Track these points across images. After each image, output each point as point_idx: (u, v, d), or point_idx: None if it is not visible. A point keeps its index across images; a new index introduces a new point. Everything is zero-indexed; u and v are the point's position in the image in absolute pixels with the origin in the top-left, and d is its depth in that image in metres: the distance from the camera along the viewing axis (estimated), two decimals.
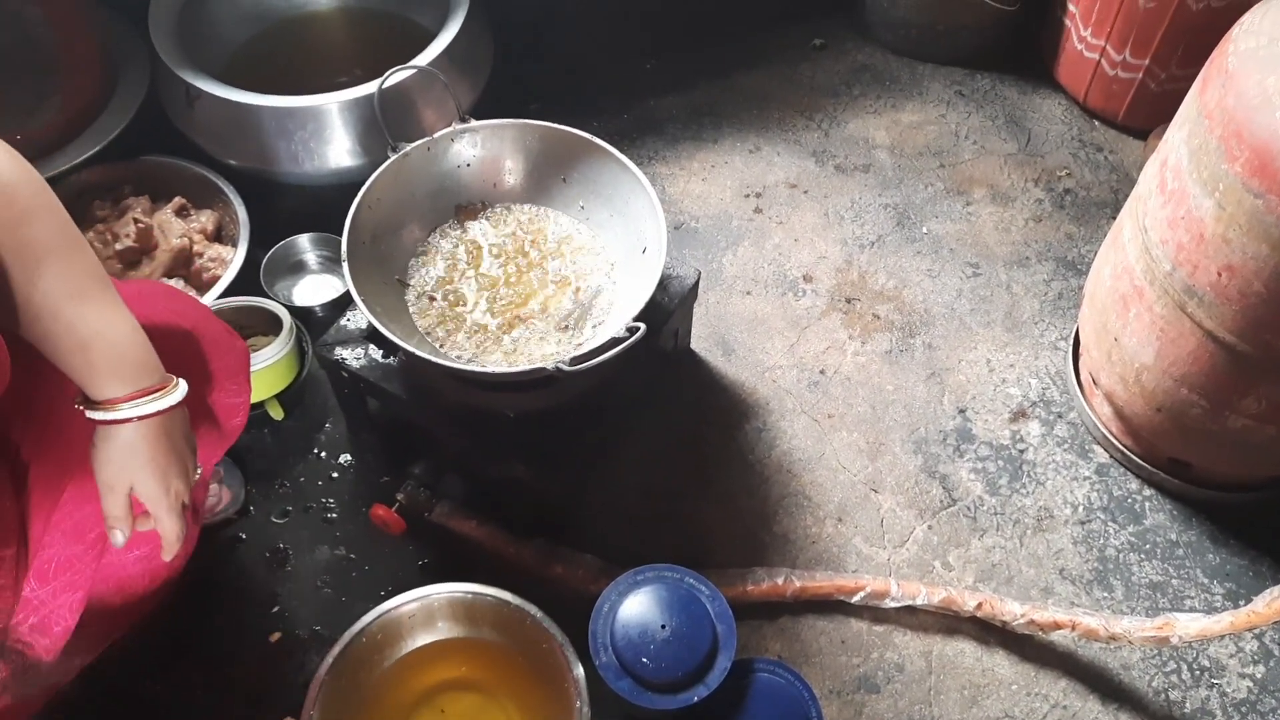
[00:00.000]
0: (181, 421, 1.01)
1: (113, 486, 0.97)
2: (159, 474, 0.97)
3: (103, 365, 0.93)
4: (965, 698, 1.40)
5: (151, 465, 0.96)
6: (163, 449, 0.97)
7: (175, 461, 0.99)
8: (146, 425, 0.95)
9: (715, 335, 1.76)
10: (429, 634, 1.36)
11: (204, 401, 1.14)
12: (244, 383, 1.21)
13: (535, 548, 1.44)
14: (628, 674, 1.22)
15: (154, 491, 0.98)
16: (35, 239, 0.89)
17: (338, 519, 1.54)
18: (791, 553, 1.52)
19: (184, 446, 1.01)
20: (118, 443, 0.95)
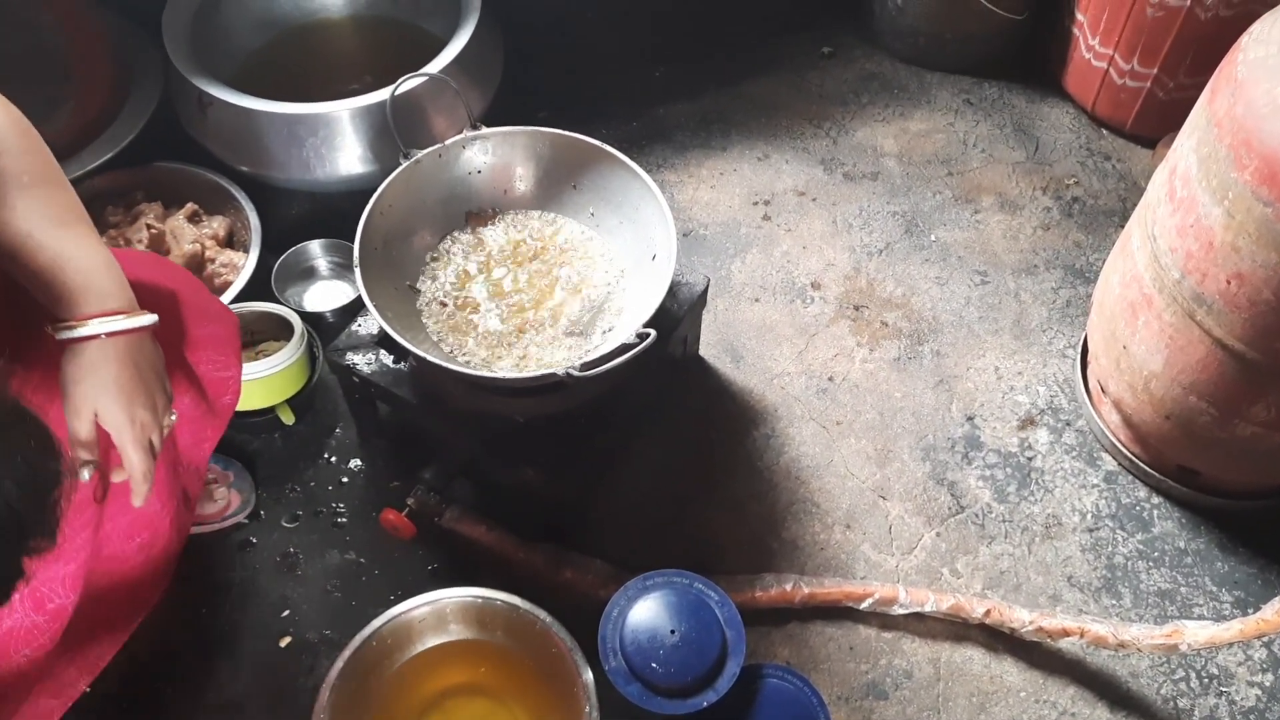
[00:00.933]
0: (151, 352, 1.00)
1: (77, 410, 0.96)
2: (124, 399, 0.96)
3: (73, 284, 0.94)
4: (974, 705, 1.40)
5: (116, 388, 0.96)
6: (128, 374, 0.97)
7: (141, 390, 0.98)
8: (112, 345, 0.95)
9: (724, 342, 1.76)
10: (438, 638, 1.36)
11: (185, 361, 1.14)
12: (233, 357, 1.21)
13: (544, 553, 1.44)
14: (637, 679, 1.22)
15: (118, 418, 0.96)
16: (12, 168, 0.93)
17: (348, 524, 1.55)
18: (800, 559, 1.52)
19: (152, 378, 1.00)
20: (82, 361, 0.95)
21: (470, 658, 1.37)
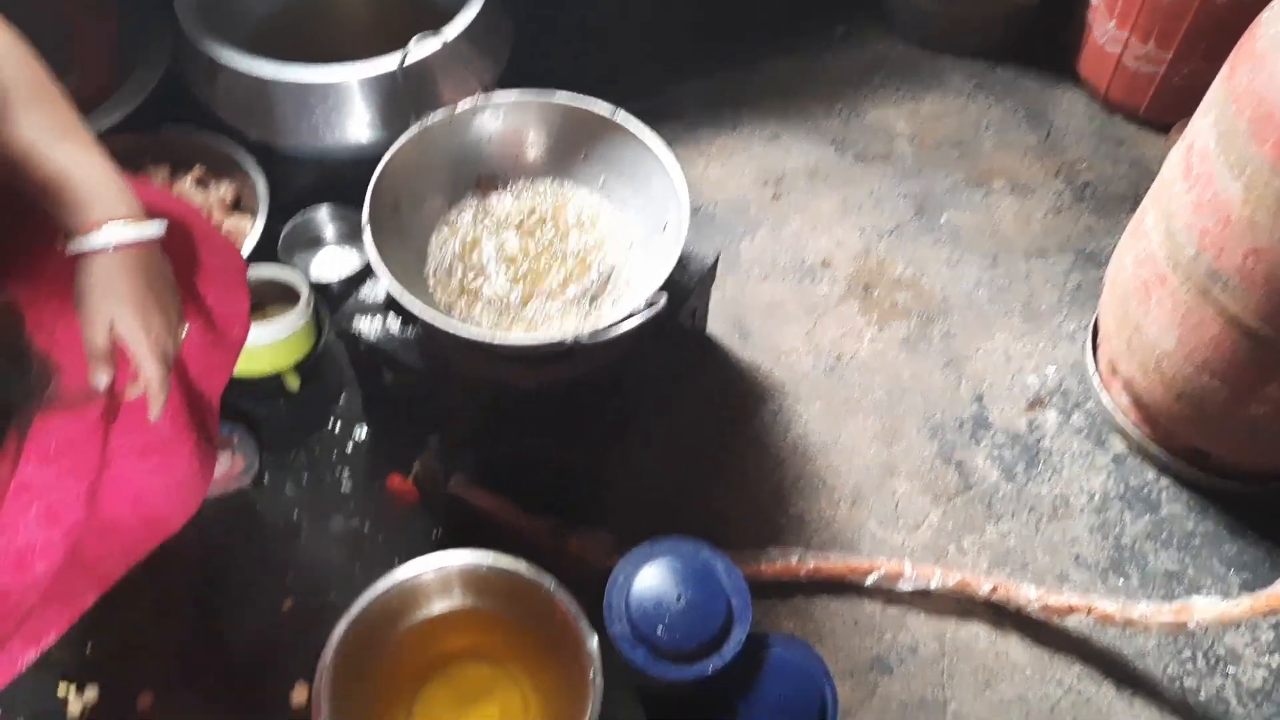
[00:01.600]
0: (161, 264, 1.00)
1: (92, 321, 0.96)
2: (138, 309, 0.96)
3: (81, 193, 0.94)
4: (979, 681, 1.39)
5: (130, 299, 0.96)
6: (141, 284, 0.97)
7: (155, 301, 0.98)
8: (124, 256, 0.95)
9: (732, 319, 1.75)
10: (443, 603, 1.35)
11: (195, 289, 1.14)
12: (242, 290, 1.21)
13: (549, 522, 1.43)
14: (643, 643, 1.21)
15: (133, 328, 0.96)
16: (11, 80, 0.93)
17: (351, 490, 1.54)
18: (806, 534, 1.51)
19: (164, 289, 1.00)
20: (95, 274, 0.95)
21: (474, 624, 1.36)
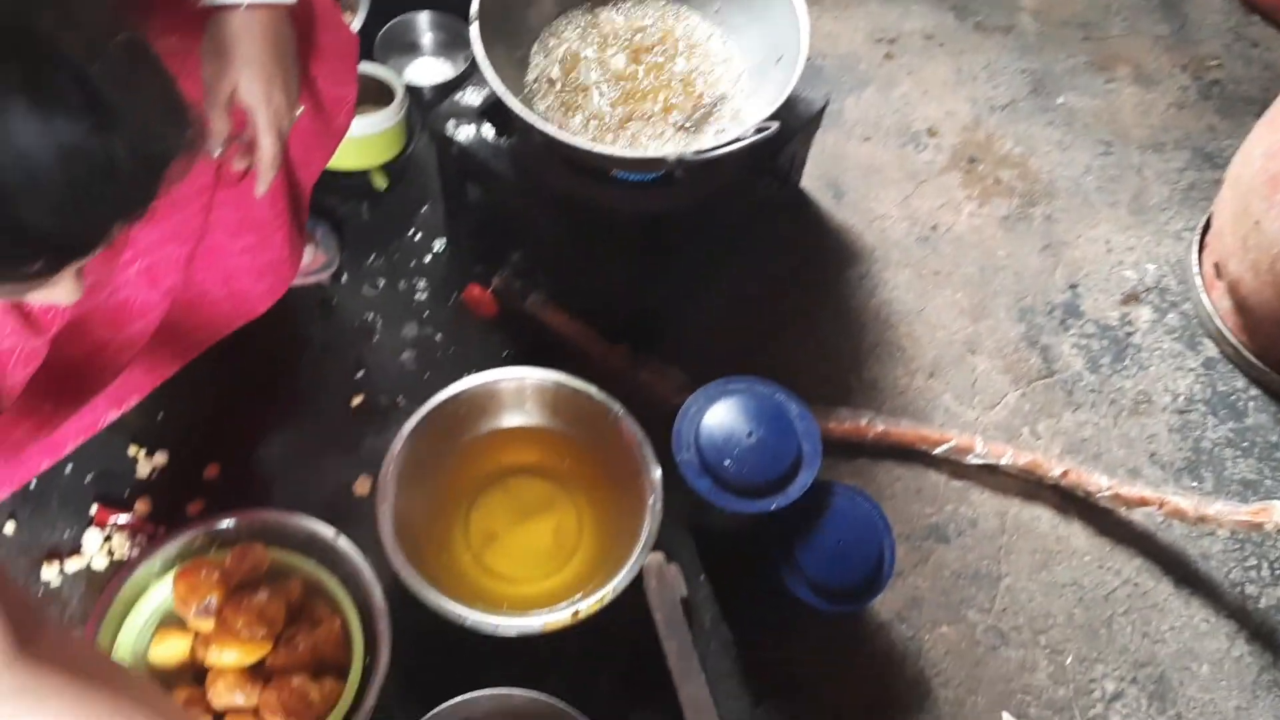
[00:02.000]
0: (289, 36, 0.99)
1: (217, 78, 0.95)
2: (262, 76, 0.96)
3: None
4: (1035, 561, 1.38)
5: (257, 64, 0.95)
6: (268, 52, 0.96)
7: (279, 72, 0.97)
8: (255, 19, 0.94)
9: (828, 177, 1.70)
10: (512, 417, 1.36)
11: (308, 72, 1.12)
12: (352, 74, 1.19)
13: (623, 351, 1.42)
14: (708, 474, 1.20)
15: (255, 95, 0.96)
16: None
17: (427, 300, 1.53)
18: (878, 400, 1.49)
19: (289, 63, 0.99)
20: (227, 32, 0.94)
21: (538, 441, 1.37)
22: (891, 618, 1.34)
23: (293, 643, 1.16)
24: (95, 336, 1.08)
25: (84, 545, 1.29)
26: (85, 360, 1.10)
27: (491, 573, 1.30)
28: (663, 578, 1.21)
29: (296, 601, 1.20)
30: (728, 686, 1.27)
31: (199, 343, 1.29)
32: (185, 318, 1.24)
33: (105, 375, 1.14)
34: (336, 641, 1.18)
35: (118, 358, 1.13)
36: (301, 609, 1.20)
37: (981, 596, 1.36)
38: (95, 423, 1.28)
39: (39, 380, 1.02)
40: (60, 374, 1.07)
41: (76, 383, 1.12)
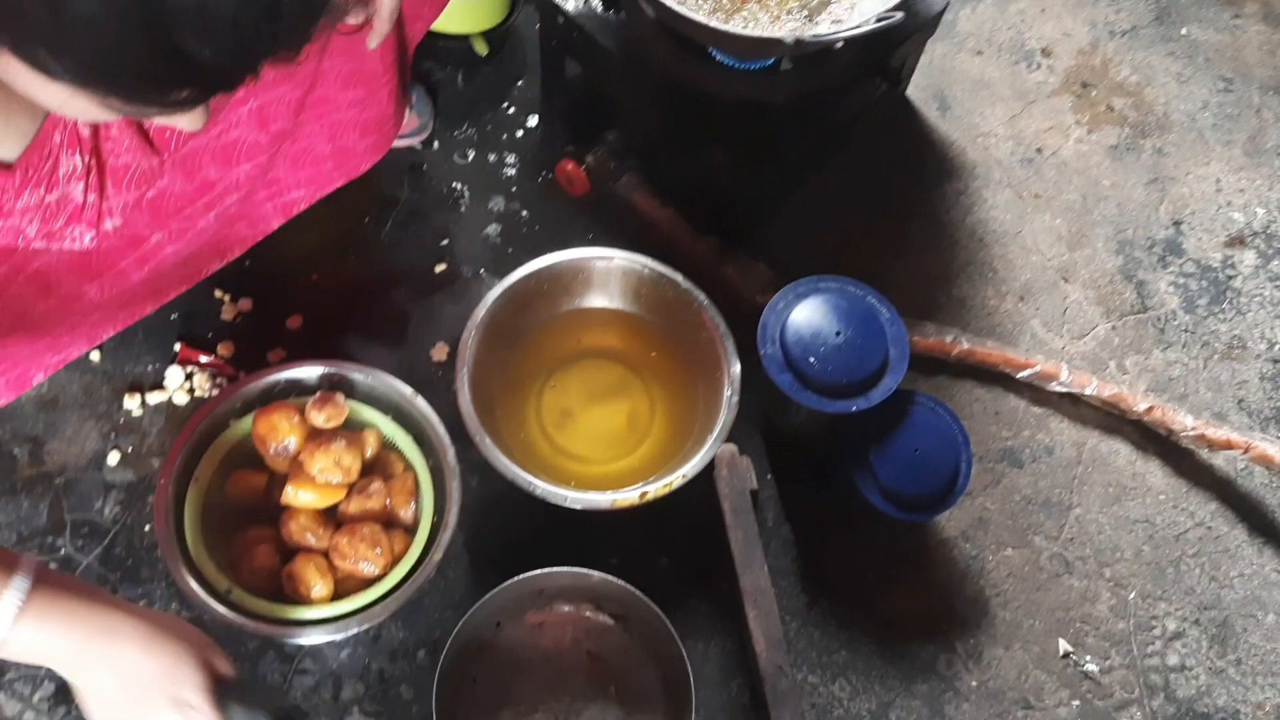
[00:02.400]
0: None
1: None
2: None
3: None
4: (1108, 495, 1.36)
5: None
6: None
7: None
8: None
9: (934, 88, 1.65)
10: (592, 297, 1.35)
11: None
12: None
13: (712, 242, 1.40)
14: (791, 370, 1.19)
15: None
16: None
17: (515, 175, 1.52)
18: (965, 318, 1.46)
19: None
20: None
21: (618, 324, 1.36)
22: (956, 535, 1.33)
23: (366, 493, 1.17)
24: (203, 174, 1.09)
25: (166, 380, 1.31)
26: (191, 197, 1.10)
27: (561, 451, 1.31)
28: (735, 468, 1.21)
29: (372, 455, 1.21)
30: (784, 584, 1.28)
31: (300, 200, 1.29)
32: (288, 174, 1.24)
33: (206, 211, 1.14)
34: (408, 497, 1.20)
35: (222, 197, 1.13)
36: (376, 462, 1.21)
37: (1050, 524, 1.34)
38: (198, 273, 1.29)
39: (147, 206, 1.03)
40: (167, 207, 1.08)
41: (182, 220, 1.12)
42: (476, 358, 1.25)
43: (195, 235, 1.16)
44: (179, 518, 1.14)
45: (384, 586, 1.13)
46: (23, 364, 1.11)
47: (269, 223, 1.28)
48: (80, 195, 0.93)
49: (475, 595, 1.17)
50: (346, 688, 1.20)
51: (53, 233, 0.94)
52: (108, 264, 1.07)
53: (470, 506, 1.21)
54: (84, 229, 0.96)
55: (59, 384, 1.31)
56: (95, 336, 1.21)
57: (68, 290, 1.07)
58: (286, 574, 1.14)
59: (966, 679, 1.25)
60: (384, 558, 1.14)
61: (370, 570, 1.14)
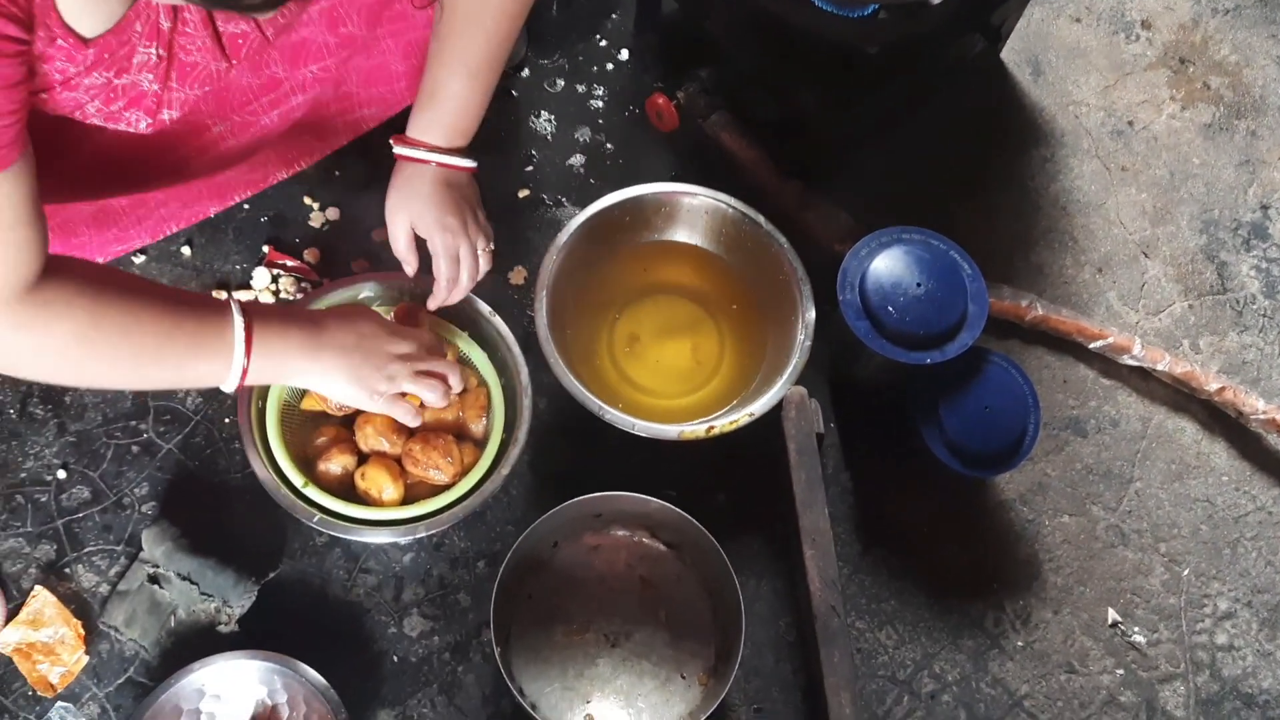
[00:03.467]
0: (471, 189, 1.20)
1: (393, 217, 1.17)
2: (436, 217, 1.15)
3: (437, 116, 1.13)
4: (1171, 472, 1.36)
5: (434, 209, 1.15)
6: (451, 200, 1.15)
7: (455, 213, 1.16)
8: (438, 173, 1.15)
9: (1029, 52, 1.63)
10: (672, 232, 1.36)
11: None
12: None
13: (797, 186, 1.40)
14: (868, 318, 1.20)
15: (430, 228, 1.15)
16: None
17: (604, 108, 1.53)
18: (1041, 285, 1.46)
19: (465, 206, 1.17)
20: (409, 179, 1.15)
21: (696, 261, 1.37)
22: (1014, 498, 1.33)
23: None
24: (270, 71, 1.10)
25: (253, 280, 1.34)
26: (256, 93, 1.12)
27: (628, 381, 1.33)
28: (803, 410, 1.22)
29: None
30: (839, 530, 1.29)
31: (369, 118, 1.30)
32: (359, 90, 1.25)
33: (273, 116, 1.16)
34: (480, 412, 1.23)
35: (287, 98, 1.15)
36: None
37: (1109, 495, 1.34)
38: (264, 179, 1.32)
39: (211, 97, 1.04)
40: (231, 100, 1.10)
41: (245, 115, 1.14)
42: (555, 283, 1.27)
43: (258, 133, 1.18)
44: (261, 412, 1.17)
45: (451, 495, 1.16)
46: (92, 251, 1.19)
47: (338, 138, 1.30)
48: (146, 85, 0.94)
49: (535, 513, 1.20)
50: (407, 590, 1.23)
51: (112, 114, 0.95)
52: (167, 146, 1.10)
53: (536, 427, 1.24)
54: (142, 116, 0.98)
55: (149, 275, 1.35)
56: (159, 231, 1.24)
57: (128, 167, 1.10)
58: (360, 474, 1.17)
59: (1013, 638, 1.26)
60: (454, 467, 1.17)
61: (440, 478, 1.17)
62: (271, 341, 0.99)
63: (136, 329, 0.90)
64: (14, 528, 1.22)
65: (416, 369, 1.09)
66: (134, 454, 1.26)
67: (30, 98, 0.84)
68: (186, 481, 1.25)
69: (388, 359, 1.07)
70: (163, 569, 1.16)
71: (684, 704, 1.19)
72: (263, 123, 1.17)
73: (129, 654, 1.17)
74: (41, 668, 1.14)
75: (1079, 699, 1.25)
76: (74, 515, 1.23)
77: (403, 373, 1.08)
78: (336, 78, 1.21)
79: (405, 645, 1.21)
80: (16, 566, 1.20)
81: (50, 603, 1.17)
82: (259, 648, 1.11)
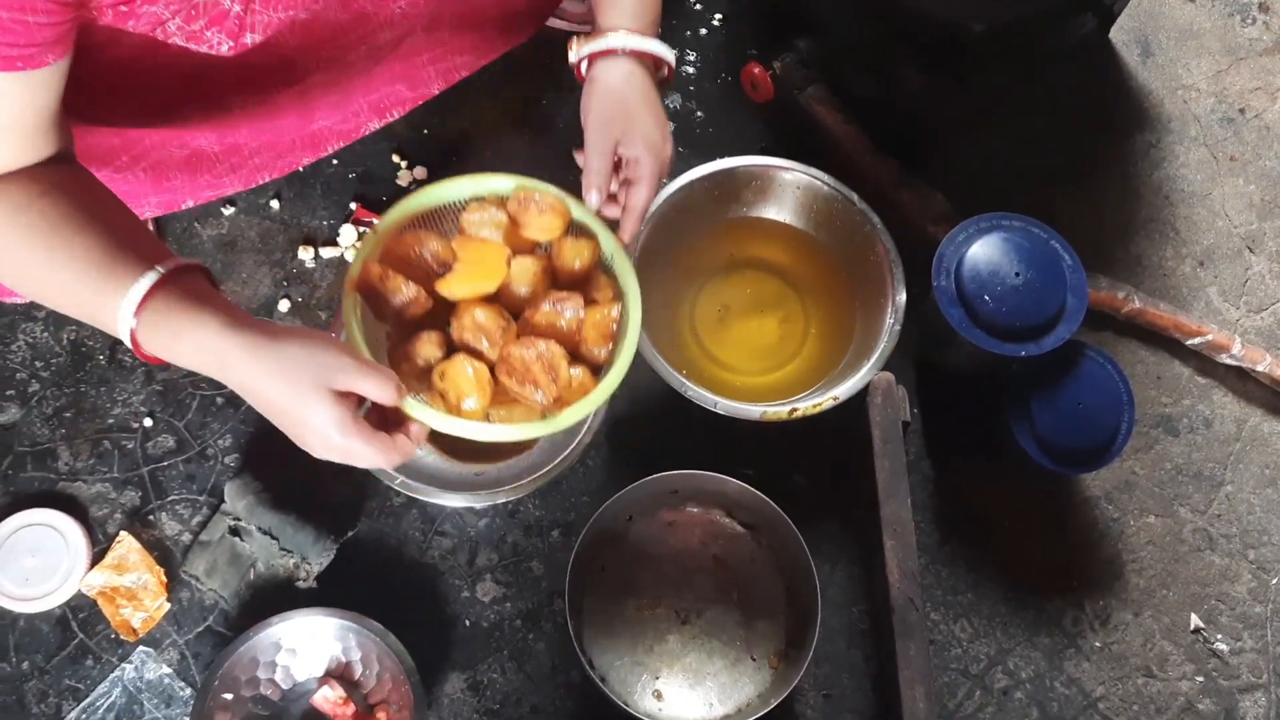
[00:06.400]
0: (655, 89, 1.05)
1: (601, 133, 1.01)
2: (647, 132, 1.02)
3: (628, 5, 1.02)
4: (1264, 477, 1.32)
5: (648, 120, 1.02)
6: (660, 111, 1.04)
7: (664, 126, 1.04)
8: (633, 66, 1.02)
9: (1139, 32, 1.57)
10: (762, 207, 1.34)
11: None
12: None
13: (890, 166, 1.37)
14: (963, 305, 1.17)
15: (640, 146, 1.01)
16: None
17: (695, 75, 1.50)
18: (1138, 277, 1.41)
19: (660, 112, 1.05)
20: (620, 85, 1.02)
21: (787, 238, 1.34)
22: (1099, 495, 1.30)
23: (560, 306, 0.95)
24: (358, 4, 1.07)
25: (340, 237, 1.34)
26: (345, 27, 1.09)
27: (709, 355, 1.31)
28: (890, 397, 1.20)
29: (583, 266, 0.99)
30: (918, 519, 1.26)
31: (461, 67, 1.28)
32: (454, 36, 1.23)
33: (360, 51, 1.13)
34: (605, 336, 0.97)
35: (376, 34, 1.13)
36: (587, 279, 1.00)
37: (1198, 497, 1.31)
38: (357, 129, 1.30)
39: (298, 28, 1.02)
40: (318, 32, 1.07)
41: (333, 49, 1.11)
42: (642, 254, 1.25)
43: (346, 70, 1.15)
44: None
45: (543, 428, 0.92)
46: (184, 194, 1.16)
47: (429, 87, 1.28)
48: (229, 3, 0.92)
49: (610, 484, 1.19)
50: (481, 555, 1.24)
51: (193, 33, 0.93)
52: (255, 79, 1.08)
53: (616, 399, 1.22)
54: (224, 38, 0.95)
55: (239, 227, 1.36)
56: (252, 179, 1.23)
57: (214, 99, 1.08)
58: (439, 373, 0.90)
59: (1091, 638, 1.24)
60: (556, 393, 0.91)
61: (539, 400, 0.91)
62: (167, 344, 0.83)
63: (36, 274, 0.85)
64: (101, 473, 1.24)
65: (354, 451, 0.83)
66: (218, 405, 1.27)
67: (113, 9, 0.83)
68: (268, 436, 1.25)
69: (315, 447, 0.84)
70: (244, 522, 1.18)
71: (753, 686, 1.18)
72: (350, 59, 1.15)
73: (209, 603, 1.19)
74: (124, 612, 1.16)
75: (1155, 704, 1.22)
76: (159, 463, 1.25)
77: None
78: (427, 15, 1.18)
79: (478, 610, 1.21)
80: (103, 511, 1.22)
81: (134, 548, 1.19)
82: (335, 605, 1.13)
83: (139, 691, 1.15)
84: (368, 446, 0.81)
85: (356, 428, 0.81)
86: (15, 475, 1.23)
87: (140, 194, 1.11)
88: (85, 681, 1.16)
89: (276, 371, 0.80)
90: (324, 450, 0.83)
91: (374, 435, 0.82)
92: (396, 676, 1.11)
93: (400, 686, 1.10)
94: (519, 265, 0.96)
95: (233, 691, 1.10)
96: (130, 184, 1.09)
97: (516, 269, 0.96)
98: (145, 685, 1.15)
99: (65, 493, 1.23)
